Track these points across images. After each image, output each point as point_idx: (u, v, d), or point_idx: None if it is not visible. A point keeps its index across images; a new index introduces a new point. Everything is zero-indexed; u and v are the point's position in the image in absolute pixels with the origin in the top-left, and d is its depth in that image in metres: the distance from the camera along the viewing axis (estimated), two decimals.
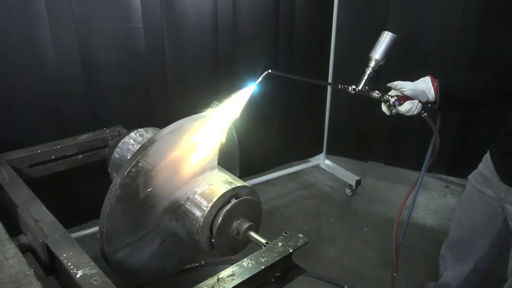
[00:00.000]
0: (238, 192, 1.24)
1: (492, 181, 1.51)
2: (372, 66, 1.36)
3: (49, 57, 1.95)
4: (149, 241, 1.28)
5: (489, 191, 1.53)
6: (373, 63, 1.36)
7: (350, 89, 1.35)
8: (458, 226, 1.75)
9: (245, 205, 1.24)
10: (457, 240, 1.76)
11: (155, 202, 1.23)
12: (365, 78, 1.36)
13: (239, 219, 1.22)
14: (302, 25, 2.77)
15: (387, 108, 1.41)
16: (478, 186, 1.58)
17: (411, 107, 1.37)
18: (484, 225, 1.59)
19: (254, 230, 1.22)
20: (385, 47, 1.36)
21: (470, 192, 1.64)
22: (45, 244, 1.12)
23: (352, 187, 3.04)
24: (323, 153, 3.36)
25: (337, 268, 2.31)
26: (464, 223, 1.69)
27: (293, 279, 1.13)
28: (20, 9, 1.83)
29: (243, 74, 2.61)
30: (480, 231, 1.62)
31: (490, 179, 1.51)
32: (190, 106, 1.57)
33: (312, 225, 2.70)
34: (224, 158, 1.52)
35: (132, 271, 1.28)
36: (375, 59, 1.36)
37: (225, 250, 1.24)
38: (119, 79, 2.19)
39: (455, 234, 1.76)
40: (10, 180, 1.43)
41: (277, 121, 2.92)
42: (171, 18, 2.22)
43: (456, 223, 1.76)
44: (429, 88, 1.40)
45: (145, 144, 1.17)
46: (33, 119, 1.99)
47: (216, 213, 1.20)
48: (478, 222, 1.61)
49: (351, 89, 1.35)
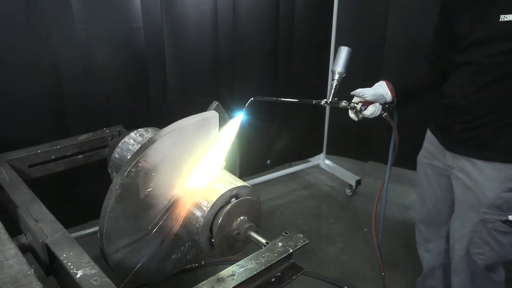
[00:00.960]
0: (238, 192, 1.24)
1: (438, 153, 1.66)
2: (337, 78, 1.51)
3: (49, 57, 1.95)
4: (149, 241, 1.28)
5: (438, 163, 1.69)
6: (337, 76, 1.51)
7: (322, 102, 1.50)
8: (422, 204, 1.86)
9: (245, 205, 1.23)
10: (425, 217, 1.87)
11: (155, 202, 1.23)
12: (333, 91, 1.50)
13: (239, 219, 1.22)
14: (302, 25, 2.77)
15: (355, 115, 1.56)
16: (428, 161, 1.74)
17: (374, 110, 1.53)
18: (443, 195, 1.73)
19: (254, 230, 1.22)
20: (344, 60, 1.50)
21: (422, 170, 1.79)
22: (45, 244, 1.12)
23: (352, 187, 3.04)
24: (323, 153, 3.36)
25: (337, 268, 2.31)
26: (426, 198, 1.82)
27: (293, 279, 1.13)
28: (20, 9, 1.83)
29: (243, 74, 2.61)
30: (442, 201, 1.76)
31: (436, 152, 1.67)
32: (190, 106, 1.57)
33: (312, 225, 2.70)
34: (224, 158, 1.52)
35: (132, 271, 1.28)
36: (338, 72, 1.51)
37: (225, 250, 1.24)
38: (119, 79, 2.19)
39: (422, 213, 1.88)
40: (10, 180, 1.43)
41: (277, 121, 2.92)
42: (171, 18, 2.22)
43: (419, 202, 1.88)
44: (385, 91, 1.56)
45: (145, 144, 1.17)
46: (33, 119, 1.99)
47: (216, 213, 1.20)
48: (438, 194, 1.75)
49: (323, 103, 1.50)
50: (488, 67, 1.40)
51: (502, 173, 1.45)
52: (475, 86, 1.44)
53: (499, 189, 1.46)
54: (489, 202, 1.48)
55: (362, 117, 1.56)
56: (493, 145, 1.46)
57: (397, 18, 2.87)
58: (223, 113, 1.52)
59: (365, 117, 1.55)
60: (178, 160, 1.23)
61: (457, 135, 1.53)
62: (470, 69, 1.45)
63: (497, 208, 1.47)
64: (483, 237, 1.53)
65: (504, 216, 1.47)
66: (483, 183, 1.49)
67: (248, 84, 2.64)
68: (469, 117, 1.48)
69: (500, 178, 1.46)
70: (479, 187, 1.50)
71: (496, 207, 1.47)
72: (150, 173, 1.18)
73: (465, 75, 1.47)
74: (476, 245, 1.56)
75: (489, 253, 1.54)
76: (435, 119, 1.67)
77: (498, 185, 1.46)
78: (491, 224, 1.49)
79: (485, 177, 1.49)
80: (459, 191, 1.60)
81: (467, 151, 1.52)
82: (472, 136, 1.49)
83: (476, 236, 1.54)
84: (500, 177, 1.46)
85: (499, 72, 1.38)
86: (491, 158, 1.46)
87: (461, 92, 1.48)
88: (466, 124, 1.49)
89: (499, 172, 1.46)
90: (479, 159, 1.49)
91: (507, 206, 1.47)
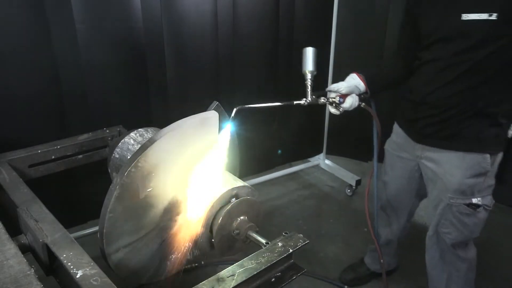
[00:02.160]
0: (238, 192, 1.24)
1: (406, 145, 1.79)
2: (310, 77, 1.57)
3: (49, 57, 1.95)
4: (149, 241, 1.28)
5: (405, 154, 1.83)
6: (309, 75, 1.57)
7: (302, 102, 1.56)
8: (386, 189, 2.00)
9: (245, 205, 1.23)
10: (388, 201, 2.02)
11: (155, 202, 1.23)
12: (309, 90, 1.56)
13: (239, 219, 1.22)
14: (302, 25, 2.77)
15: (335, 109, 1.64)
16: (395, 152, 1.88)
17: (352, 101, 1.62)
18: (407, 183, 1.89)
19: (254, 230, 1.22)
20: (312, 60, 1.57)
21: (390, 159, 1.94)
22: (45, 244, 1.11)
23: (352, 187, 3.04)
24: (323, 153, 3.36)
25: (337, 268, 2.31)
26: (390, 185, 1.97)
27: (293, 279, 1.13)
28: (20, 9, 1.83)
29: (243, 74, 2.61)
30: (405, 188, 1.92)
31: (404, 144, 1.80)
32: (190, 106, 1.57)
33: (312, 225, 2.70)
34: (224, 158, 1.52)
35: (132, 271, 1.28)
36: (309, 72, 1.56)
37: (225, 250, 1.24)
38: (119, 79, 2.18)
39: (385, 197, 2.03)
40: (10, 180, 1.43)
41: (277, 121, 2.92)
42: (171, 18, 2.22)
43: (382, 189, 2.01)
44: (358, 81, 1.67)
45: (145, 144, 1.17)
46: (33, 119, 1.99)
47: (216, 213, 1.20)
48: (402, 182, 1.90)
49: (303, 102, 1.56)
50: (453, 63, 1.51)
51: (466, 161, 1.59)
52: (440, 82, 1.55)
53: (463, 176, 1.60)
54: (454, 188, 1.62)
55: (343, 110, 1.63)
56: (457, 136, 1.59)
57: (397, 18, 2.87)
58: (223, 113, 1.52)
59: (346, 110, 1.64)
60: (178, 160, 1.23)
61: (425, 129, 1.65)
62: (436, 66, 1.55)
63: (461, 193, 1.62)
64: (449, 219, 1.69)
65: (468, 200, 1.62)
66: (449, 171, 1.63)
67: (248, 84, 2.65)
68: (436, 112, 1.59)
69: (464, 166, 1.60)
70: (445, 174, 1.65)
71: (461, 192, 1.62)
72: (150, 173, 1.18)
73: (431, 72, 1.58)
74: (444, 225, 1.72)
75: (455, 233, 1.70)
76: (402, 114, 1.80)
77: (462, 172, 1.60)
78: (456, 208, 1.65)
79: (451, 166, 1.63)
80: (428, 178, 1.75)
81: (434, 143, 1.66)
82: (439, 129, 1.61)
83: (444, 218, 1.70)
84: (464, 165, 1.60)
85: (463, 68, 1.48)
86: (456, 148, 1.60)
87: (427, 88, 1.60)
88: (433, 118, 1.61)
89: (463, 161, 1.60)
90: (446, 149, 1.63)
91: (470, 191, 1.61)
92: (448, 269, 1.82)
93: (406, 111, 1.75)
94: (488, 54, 1.43)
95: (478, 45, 1.43)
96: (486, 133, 1.56)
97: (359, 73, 1.69)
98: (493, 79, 1.49)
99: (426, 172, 1.76)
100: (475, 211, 1.63)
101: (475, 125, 1.55)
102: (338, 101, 1.61)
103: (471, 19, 1.40)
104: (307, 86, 1.57)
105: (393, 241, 2.11)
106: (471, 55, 1.46)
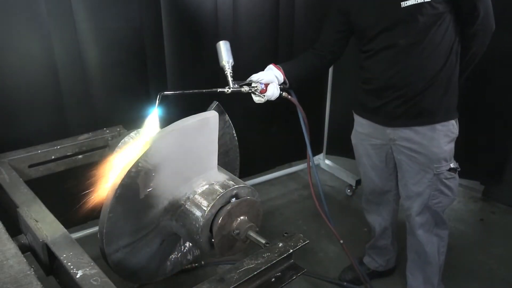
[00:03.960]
0: (238, 192, 1.24)
1: (376, 132, 1.85)
2: (228, 67, 1.62)
3: (49, 56, 1.95)
4: (149, 241, 1.28)
5: (377, 141, 1.88)
6: (227, 65, 1.62)
7: (225, 90, 1.58)
8: (367, 179, 2.06)
9: (245, 205, 1.24)
10: (372, 190, 2.07)
11: (155, 202, 1.23)
12: (230, 79, 1.61)
13: (239, 219, 1.22)
14: (302, 25, 2.76)
15: (259, 98, 1.67)
16: (366, 142, 1.93)
17: (273, 89, 1.67)
18: (386, 168, 1.95)
19: (254, 230, 1.22)
20: (226, 51, 1.63)
21: (362, 150, 1.98)
22: (45, 244, 1.12)
23: (352, 187, 3.04)
24: (323, 153, 3.36)
25: (337, 268, 2.31)
26: (370, 174, 2.01)
27: (293, 279, 1.13)
28: (20, 9, 1.83)
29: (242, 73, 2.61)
30: (385, 174, 1.98)
31: (374, 132, 1.87)
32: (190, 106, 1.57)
33: (312, 225, 2.70)
34: (224, 158, 1.52)
35: (132, 271, 1.28)
36: (227, 62, 1.62)
37: (225, 250, 1.24)
38: (119, 79, 2.18)
39: (368, 187, 2.08)
40: (10, 180, 1.43)
41: (277, 121, 2.92)
42: (171, 18, 2.22)
43: (365, 177, 2.07)
44: (277, 72, 1.72)
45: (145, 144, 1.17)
46: (33, 119, 1.99)
47: (216, 213, 1.20)
48: (381, 168, 1.96)
49: (226, 90, 1.59)
50: (405, 48, 1.60)
51: (439, 131, 1.71)
52: (399, 66, 1.64)
53: (443, 144, 1.72)
54: (438, 157, 1.73)
55: (266, 99, 1.67)
56: (426, 110, 1.68)
57: None
58: (223, 113, 1.52)
59: (269, 99, 1.68)
60: (178, 160, 1.23)
61: (394, 111, 1.72)
62: (391, 52, 1.64)
63: (444, 160, 1.74)
64: (438, 188, 1.79)
65: (448, 166, 1.76)
66: (428, 144, 1.72)
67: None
68: (401, 92, 1.68)
69: (439, 135, 1.71)
70: (426, 148, 1.73)
71: (443, 159, 1.74)
72: (150, 173, 1.18)
73: (387, 59, 1.66)
74: (434, 196, 1.81)
75: (445, 200, 1.83)
76: (363, 105, 1.86)
77: (440, 141, 1.71)
78: (442, 175, 1.76)
79: (428, 139, 1.72)
80: (406, 158, 1.81)
81: (406, 122, 1.73)
82: (408, 108, 1.69)
83: (433, 189, 1.79)
84: (440, 135, 1.71)
85: (416, 49, 1.59)
86: (428, 121, 1.70)
87: (388, 72, 1.67)
88: (399, 99, 1.69)
89: (437, 131, 1.71)
90: (418, 125, 1.71)
91: (449, 156, 1.76)
92: (437, 241, 1.92)
93: (367, 101, 1.82)
94: (434, 32, 1.56)
95: (421, 26, 1.55)
96: (451, 101, 1.71)
97: (275, 64, 1.75)
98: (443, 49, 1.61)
99: (402, 151, 1.81)
100: (455, 174, 1.79)
101: (439, 96, 1.66)
102: (262, 88, 1.65)
103: (410, 4, 1.52)
104: (228, 76, 1.61)
105: (388, 228, 2.15)
106: (419, 37, 1.57)
